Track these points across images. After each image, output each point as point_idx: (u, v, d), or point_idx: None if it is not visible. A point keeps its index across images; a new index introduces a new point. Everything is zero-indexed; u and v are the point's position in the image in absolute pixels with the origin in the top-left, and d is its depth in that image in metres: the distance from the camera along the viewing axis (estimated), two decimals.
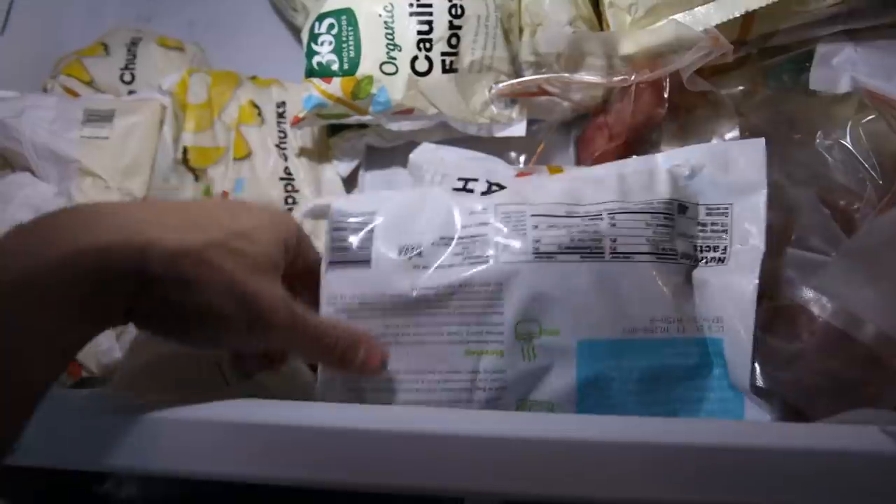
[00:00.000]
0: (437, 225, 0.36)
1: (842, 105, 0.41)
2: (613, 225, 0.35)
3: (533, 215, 0.35)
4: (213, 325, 0.29)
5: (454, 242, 0.35)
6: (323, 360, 0.34)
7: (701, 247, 0.37)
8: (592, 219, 0.35)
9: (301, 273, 0.35)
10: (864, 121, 0.40)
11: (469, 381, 0.34)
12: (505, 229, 0.35)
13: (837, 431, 0.29)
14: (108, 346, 0.45)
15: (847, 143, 0.40)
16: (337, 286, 0.35)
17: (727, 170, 0.36)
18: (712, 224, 0.37)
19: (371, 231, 0.36)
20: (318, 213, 0.38)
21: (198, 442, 0.31)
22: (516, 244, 0.34)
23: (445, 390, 0.34)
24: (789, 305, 0.35)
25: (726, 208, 0.37)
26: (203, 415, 0.31)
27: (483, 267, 0.34)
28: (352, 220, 0.36)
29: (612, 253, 0.35)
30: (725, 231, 0.36)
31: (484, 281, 0.34)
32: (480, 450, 0.29)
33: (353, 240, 0.36)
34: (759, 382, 0.34)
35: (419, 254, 0.35)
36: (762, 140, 0.36)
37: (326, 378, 0.36)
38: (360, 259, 0.35)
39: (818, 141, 0.40)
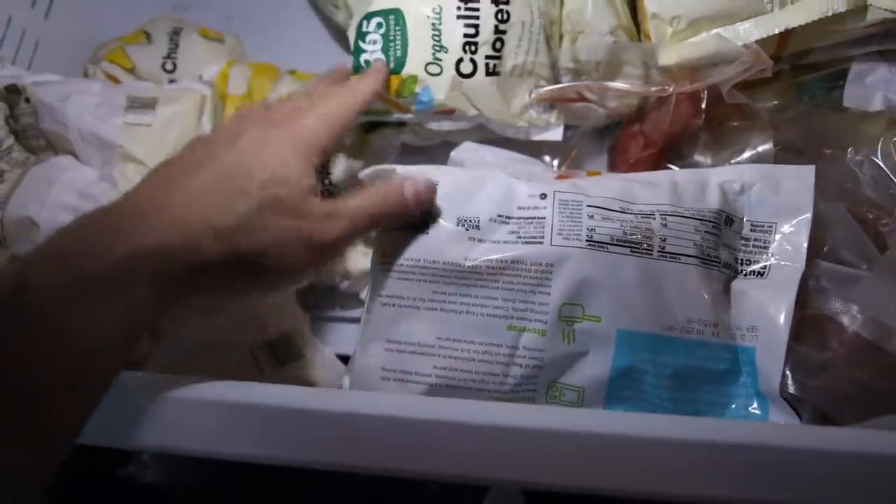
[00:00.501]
0: (496, 203, 0.37)
1: (872, 122, 0.43)
2: (665, 225, 0.36)
3: (589, 206, 0.37)
4: (277, 271, 0.32)
5: (512, 221, 0.37)
6: (380, 227, 0.37)
7: (742, 259, 0.38)
8: (645, 217, 0.37)
9: None
10: (894, 138, 0.41)
11: (508, 355, 0.36)
12: (561, 215, 0.36)
13: (866, 436, 0.30)
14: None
15: (877, 159, 0.41)
16: (392, 246, 0.37)
17: (776, 191, 0.38)
18: (755, 240, 0.38)
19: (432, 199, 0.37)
20: (381, 178, 0.40)
21: (231, 424, 0.32)
22: (571, 230, 0.36)
23: (483, 361, 0.36)
24: (820, 315, 0.36)
25: (770, 226, 0.38)
26: (236, 397, 0.32)
27: (537, 247, 0.36)
28: None
29: (660, 251, 0.36)
30: (767, 247, 0.38)
31: (536, 260, 0.36)
32: (509, 441, 0.30)
33: None
34: (791, 389, 0.35)
35: (476, 227, 0.36)
36: (812, 167, 0.38)
37: (359, 365, 0.37)
38: (418, 224, 0.37)
39: (849, 157, 0.41)
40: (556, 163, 0.49)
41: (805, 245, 0.37)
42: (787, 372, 0.35)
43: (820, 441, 0.29)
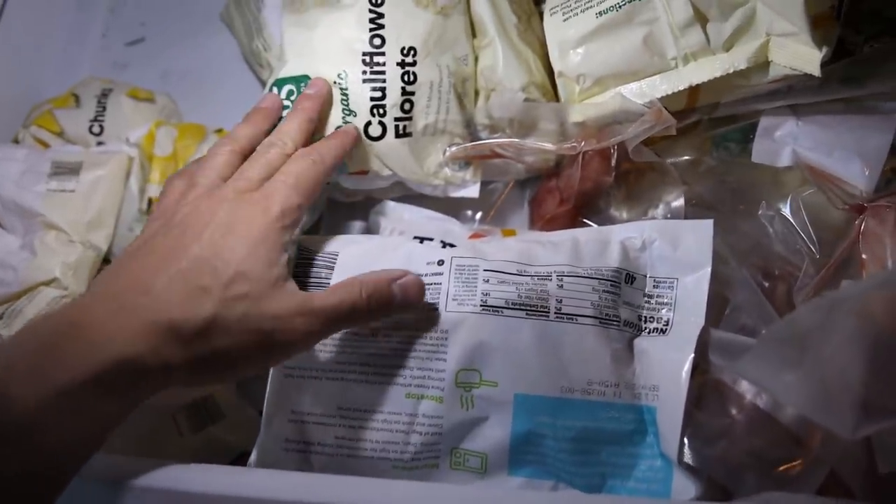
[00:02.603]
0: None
1: (786, 175, 0.42)
2: (561, 286, 0.36)
3: (485, 270, 0.37)
4: (242, 368, 0.33)
5: None
6: (367, 324, 0.36)
7: (645, 317, 0.38)
8: (542, 279, 0.36)
9: None
10: (804, 193, 0.40)
11: (407, 423, 0.36)
12: (457, 281, 0.37)
13: None
14: None
15: (787, 214, 0.40)
16: None
17: (676, 246, 0.38)
18: (658, 296, 0.38)
19: (331, 270, 0.38)
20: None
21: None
22: (466, 295, 0.36)
23: (383, 430, 0.36)
24: (719, 381, 0.36)
25: (672, 282, 0.38)
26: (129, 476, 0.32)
27: (432, 314, 0.36)
28: (315, 258, 0.39)
29: (556, 313, 0.36)
30: (669, 304, 0.38)
31: (431, 328, 0.36)
32: None
33: (315, 277, 0.38)
34: (687, 458, 0.34)
35: None
36: (710, 221, 0.37)
37: (263, 439, 0.37)
38: None
39: (761, 212, 0.41)
40: (478, 216, 0.48)
41: (705, 300, 0.36)
42: (685, 440, 0.35)
43: None
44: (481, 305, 0.36)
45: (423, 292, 0.36)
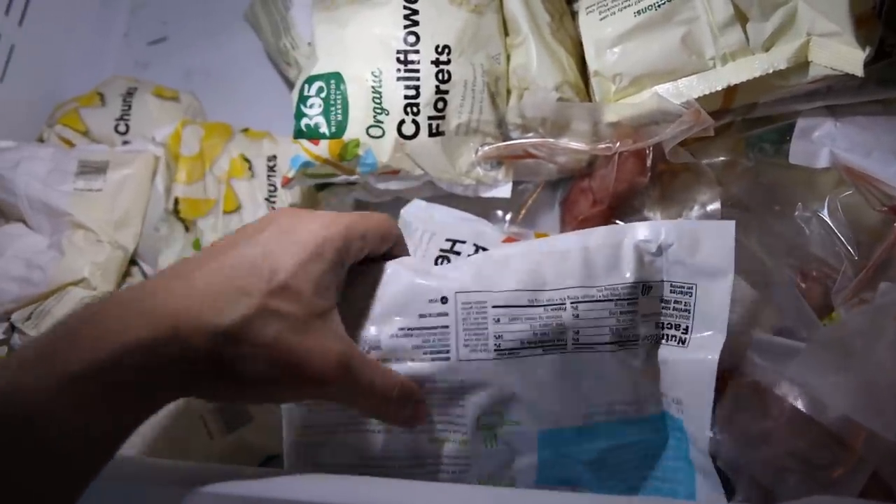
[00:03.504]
0: (396, 312, 0.34)
1: (823, 176, 0.42)
2: (577, 316, 0.34)
3: (494, 307, 0.34)
4: (263, 390, 0.30)
5: (415, 333, 0.34)
6: (368, 414, 0.34)
7: (664, 324, 0.36)
8: (556, 309, 0.34)
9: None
10: (842, 195, 0.40)
11: (433, 464, 0.35)
12: (465, 322, 0.34)
13: None
14: None
15: (825, 215, 0.40)
16: None
17: (694, 251, 0.35)
18: (675, 302, 0.35)
19: None
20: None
21: None
22: (477, 339, 0.34)
23: (409, 474, 0.35)
24: (759, 383, 0.35)
25: (690, 288, 0.35)
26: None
27: (444, 363, 0.34)
28: None
29: (574, 344, 0.34)
30: (688, 311, 0.35)
31: (444, 377, 0.34)
32: None
33: None
34: (727, 459, 0.34)
35: (377, 348, 0.34)
36: (732, 223, 0.34)
37: (291, 452, 0.36)
38: None
39: (797, 213, 0.41)
40: (508, 217, 0.48)
41: (727, 308, 0.34)
42: (725, 442, 0.34)
43: None
44: (495, 350, 0.34)
45: (423, 422, 0.34)
